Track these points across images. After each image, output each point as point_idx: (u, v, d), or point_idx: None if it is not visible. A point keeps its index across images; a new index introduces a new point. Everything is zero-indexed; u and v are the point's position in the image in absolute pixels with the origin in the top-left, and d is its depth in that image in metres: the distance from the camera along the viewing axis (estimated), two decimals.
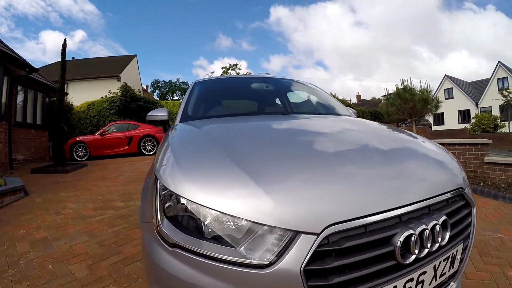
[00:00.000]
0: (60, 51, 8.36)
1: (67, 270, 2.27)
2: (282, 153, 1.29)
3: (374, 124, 2.14)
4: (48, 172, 7.55)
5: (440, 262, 1.05)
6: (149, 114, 2.48)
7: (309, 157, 1.24)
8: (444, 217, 1.05)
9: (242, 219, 0.92)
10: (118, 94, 15.93)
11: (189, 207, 1.00)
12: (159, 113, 2.47)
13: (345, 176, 1.09)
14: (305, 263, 0.85)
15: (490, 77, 31.96)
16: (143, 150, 11.47)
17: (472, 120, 25.10)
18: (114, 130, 11.70)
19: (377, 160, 1.23)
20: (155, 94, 42.51)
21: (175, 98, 41.77)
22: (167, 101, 20.77)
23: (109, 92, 16.82)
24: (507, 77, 30.05)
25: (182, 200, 1.01)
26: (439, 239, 1.03)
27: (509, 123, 24.17)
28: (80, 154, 10.89)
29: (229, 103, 2.99)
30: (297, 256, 0.85)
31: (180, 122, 2.12)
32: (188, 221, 1.00)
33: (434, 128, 33.54)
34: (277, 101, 2.81)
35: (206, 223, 0.96)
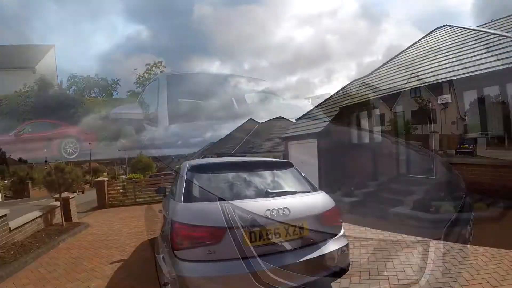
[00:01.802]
0: None
1: None
2: None
3: None
4: None
5: None
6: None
7: None
8: None
9: None
10: (35, 88, 14.81)
11: None
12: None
13: None
14: None
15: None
16: (63, 153, 10.36)
17: None
18: (30, 130, 10.62)
19: None
20: (71, 90, 37.85)
21: (93, 95, 37.82)
22: (88, 98, 19.86)
23: (23, 85, 15.33)
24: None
25: None
26: None
27: None
28: None
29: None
30: None
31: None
32: None
33: None
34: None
35: None
